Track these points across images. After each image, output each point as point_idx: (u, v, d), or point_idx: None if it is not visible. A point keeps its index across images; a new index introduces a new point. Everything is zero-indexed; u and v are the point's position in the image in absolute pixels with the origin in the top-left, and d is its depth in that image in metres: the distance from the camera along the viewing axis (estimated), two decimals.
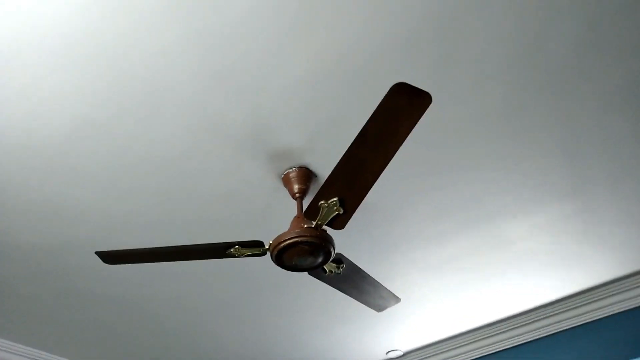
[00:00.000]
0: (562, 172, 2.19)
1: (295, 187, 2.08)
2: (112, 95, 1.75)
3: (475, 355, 3.41)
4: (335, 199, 1.75)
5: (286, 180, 2.11)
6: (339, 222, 1.85)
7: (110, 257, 1.95)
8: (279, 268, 2.64)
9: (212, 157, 2.01)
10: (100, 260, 2.46)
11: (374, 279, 2.25)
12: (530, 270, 2.81)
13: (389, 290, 2.36)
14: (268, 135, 1.94)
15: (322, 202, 1.77)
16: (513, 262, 2.74)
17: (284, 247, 1.85)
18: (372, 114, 1.49)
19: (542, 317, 3.18)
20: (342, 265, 2.09)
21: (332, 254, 1.91)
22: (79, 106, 1.78)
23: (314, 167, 2.09)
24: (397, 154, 2.01)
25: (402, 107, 1.45)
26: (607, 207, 2.41)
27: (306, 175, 2.09)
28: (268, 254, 1.96)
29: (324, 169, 2.09)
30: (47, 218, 2.22)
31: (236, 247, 1.91)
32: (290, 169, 2.09)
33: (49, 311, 2.83)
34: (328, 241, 1.87)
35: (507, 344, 3.31)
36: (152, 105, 1.80)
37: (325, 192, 1.75)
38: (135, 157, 1.98)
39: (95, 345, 3.21)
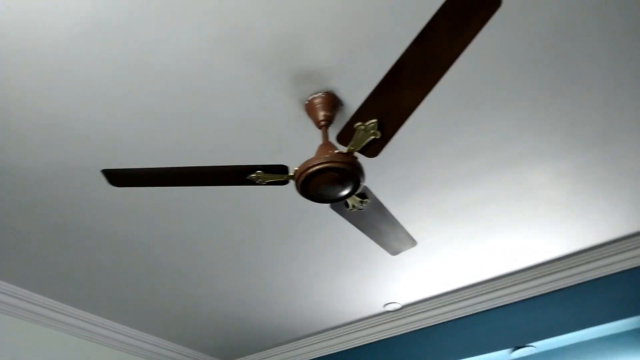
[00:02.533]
0: (596, 115, 2.09)
1: (321, 114, 1.92)
2: None
3: (476, 310, 3.38)
4: (375, 120, 1.61)
5: (310, 107, 1.95)
6: (374, 149, 1.71)
7: (118, 177, 1.77)
8: (285, 212, 2.51)
9: (234, 75, 1.83)
10: (98, 191, 2.29)
11: (394, 219, 2.14)
12: (545, 223, 2.75)
13: (407, 232, 2.26)
14: (295, 53, 1.77)
15: (359, 123, 1.62)
16: (529, 212, 2.66)
17: (312, 173, 1.71)
18: (428, 23, 1.33)
19: (546, 273, 3.15)
20: (366, 200, 1.97)
21: (362, 184, 1.78)
22: (87, 4, 1.56)
23: (340, 94, 1.94)
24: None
25: (462, 17, 1.30)
26: (631, 157, 2.34)
27: (333, 101, 1.93)
28: (291, 183, 1.82)
29: (352, 96, 1.93)
30: (46, 139, 2.01)
31: (258, 171, 1.76)
32: (316, 94, 1.92)
33: (41, 248, 2.64)
34: (359, 169, 1.73)
35: (509, 298, 3.28)
36: (171, 9, 1.59)
37: (363, 112, 1.60)
38: (149, 69, 1.79)
39: (82, 285, 3.03)
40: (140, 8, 1.59)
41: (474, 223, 2.72)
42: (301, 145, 2.14)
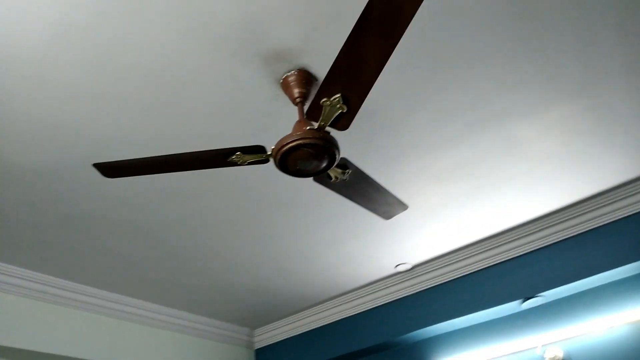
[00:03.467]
0: (575, 62, 2.06)
1: (296, 92, 1.98)
2: None
3: (484, 265, 3.43)
4: (339, 95, 1.66)
5: (285, 85, 2.00)
6: (343, 122, 1.77)
7: (109, 168, 1.89)
8: (283, 183, 2.59)
9: (205, 63, 1.90)
10: (99, 181, 2.42)
11: (380, 185, 2.20)
12: (539, 176, 2.76)
13: (396, 197, 2.31)
14: (263, 35, 1.82)
15: (325, 99, 1.68)
16: (522, 168, 2.67)
17: (287, 150, 1.78)
18: None
19: (550, 224, 3.17)
20: (347, 170, 2.03)
21: (337, 156, 1.85)
22: (57, 8, 1.65)
23: (313, 70, 1.98)
24: (397, 51, 1.89)
25: None
26: (621, 102, 2.30)
27: (306, 77, 1.98)
28: (271, 161, 1.90)
29: (324, 70, 1.97)
30: (38, 137, 2.14)
31: (238, 153, 1.84)
32: (289, 72, 1.98)
33: (51, 236, 2.82)
34: (332, 143, 1.79)
35: (515, 252, 3.32)
36: (136, 5, 1.66)
37: (326, 88, 1.65)
38: (122, 65, 1.87)
39: (102, 268, 3.24)
40: (106, 7, 1.66)
41: (468, 182, 2.75)
42: (282, 121, 2.20)
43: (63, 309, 3.34)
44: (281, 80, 2.00)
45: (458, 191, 2.82)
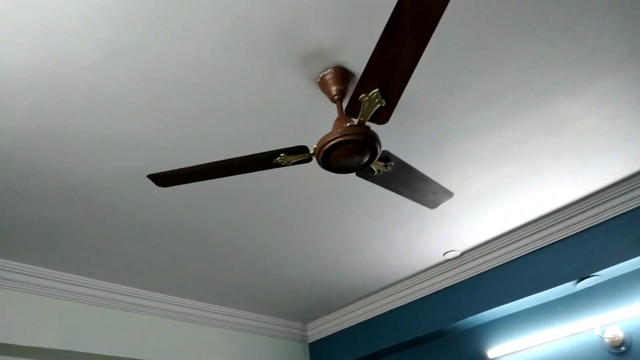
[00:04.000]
0: (618, 33, 2.00)
1: (333, 89, 2.02)
2: (134, 16, 1.71)
3: (535, 247, 3.38)
4: (376, 90, 1.68)
5: (323, 84, 2.04)
6: (383, 116, 1.79)
7: (162, 178, 1.99)
8: (329, 178, 2.64)
9: (244, 69, 1.96)
10: (154, 189, 2.55)
11: (424, 175, 2.21)
12: (588, 152, 2.69)
13: (440, 185, 2.32)
14: (297, 36, 1.86)
15: (363, 95, 1.71)
16: (569, 145, 2.62)
17: (329, 148, 1.83)
18: None
19: (603, 200, 3.08)
20: (390, 163, 2.05)
21: (379, 151, 1.87)
22: (104, 31, 1.75)
23: (349, 66, 2.01)
24: (433, 38, 1.90)
25: None
26: None
27: (343, 75, 2.01)
28: (314, 159, 1.95)
29: (360, 66, 2.00)
30: (96, 152, 2.27)
31: (281, 155, 1.90)
32: (325, 70, 2.01)
33: (116, 245, 3.00)
34: (373, 137, 1.82)
35: (567, 231, 3.25)
36: (177, 22, 1.74)
37: (364, 84, 1.68)
38: (167, 79, 1.96)
39: (162, 273, 3.39)
40: (149, 26, 1.75)
41: (514, 164, 2.71)
42: (322, 120, 2.25)
43: (129, 314, 3.52)
44: (319, 79, 2.04)
45: (504, 173, 2.79)
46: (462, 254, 3.62)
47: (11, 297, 3.02)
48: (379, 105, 1.74)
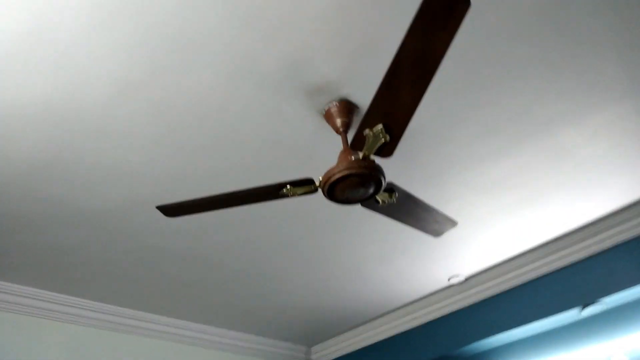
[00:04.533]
0: (618, 66, 2.04)
1: (338, 122, 2.06)
2: (144, 52, 1.76)
3: (539, 273, 3.38)
4: (380, 125, 1.72)
5: (328, 116, 2.09)
6: (387, 150, 1.83)
7: (171, 209, 2.02)
8: (334, 205, 2.67)
9: (250, 102, 2.01)
10: (161, 217, 2.58)
11: (428, 204, 2.23)
12: (590, 181, 2.71)
13: (445, 214, 2.34)
14: (303, 71, 1.91)
15: (367, 130, 1.74)
16: (572, 174, 2.64)
17: (334, 181, 1.86)
18: (408, 30, 1.43)
19: (606, 228, 3.09)
20: (394, 193, 2.08)
21: (383, 183, 1.90)
22: (115, 68, 1.80)
23: (354, 99, 2.06)
24: (438, 72, 1.94)
25: (439, 17, 1.38)
26: None
27: (347, 107, 2.06)
28: (320, 190, 1.98)
29: (365, 99, 2.05)
30: (104, 182, 2.32)
31: (288, 187, 1.93)
32: (331, 103, 2.06)
33: (121, 270, 3.02)
34: (378, 170, 1.85)
35: (571, 258, 3.25)
36: (185, 57, 1.80)
37: (368, 120, 1.71)
38: (174, 112, 2.01)
39: (168, 297, 3.41)
40: (158, 62, 1.80)
41: (516, 192, 2.73)
42: (327, 150, 2.29)
43: (134, 337, 3.53)
44: (324, 112, 2.08)
45: (507, 201, 2.81)
46: (467, 279, 3.62)
47: (18, 321, 3.04)
48: (383, 140, 1.77)
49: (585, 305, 3.14)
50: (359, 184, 1.87)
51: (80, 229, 2.61)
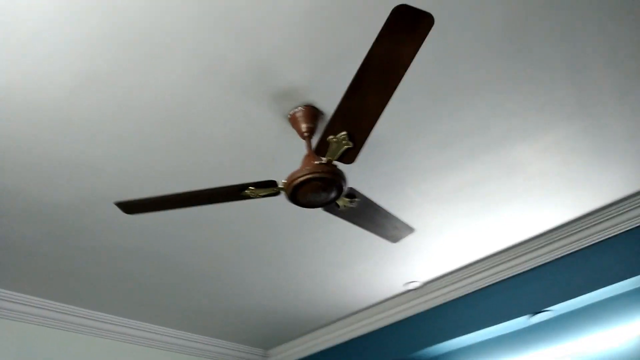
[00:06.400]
0: (568, 89, 2.17)
1: (303, 127, 2.09)
2: (110, 47, 1.75)
3: (492, 281, 3.50)
4: (344, 133, 1.77)
5: (293, 120, 2.12)
6: (349, 156, 1.88)
7: (130, 206, 2.00)
8: (295, 209, 2.70)
9: (217, 102, 2.02)
10: (120, 213, 2.55)
11: (387, 211, 2.29)
12: (541, 194, 2.84)
13: (402, 221, 2.41)
14: (271, 75, 1.94)
15: (331, 137, 1.79)
16: (523, 187, 2.76)
17: (297, 184, 1.89)
18: (374, 41, 1.48)
19: (555, 239, 3.24)
20: (355, 199, 2.13)
21: (344, 188, 1.95)
22: (78, 61, 1.78)
23: (320, 105, 2.10)
24: (399, 84, 2.00)
25: (405, 31, 1.44)
26: (615, 122, 2.40)
27: (313, 113, 2.10)
28: (282, 193, 2.01)
29: (330, 105, 2.09)
30: (62, 175, 2.27)
31: (250, 188, 1.95)
32: (296, 108, 2.09)
33: (74, 267, 2.95)
34: (339, 176, 1.90)
35: (522, 267, 3.39)
36: (152, 54, 1.79)
37: (332, 126, 1.76)
38: (139, 108, 2.00)
39: (123, 297, 3.35)
40: (123, 56, 1.79)
41: (471, 202, 2.84)
42: (291, 154, 2.32)
43: (86, 337, 3.45)
44: (289, 116, 2.12)
45: (462, 211, 2.91)
46: (423, 285, 3.71)
47: None
48: (346, 147, 1.82)
49: (534, 312, 3.28)
50: (321, 188, 1.90)
51: (36, 223, 2.55)
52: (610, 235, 3.08)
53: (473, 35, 1.88)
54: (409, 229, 2.47)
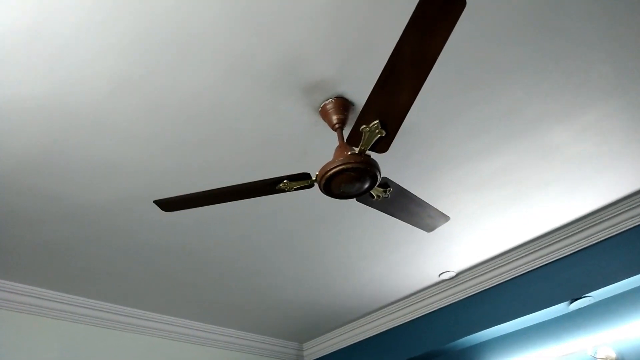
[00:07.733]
0: (604, 67, 2.11)
1: (334, 118, 2.09)
2: (141, 50, 1.78)
3: (529, 268, 3.44)
4: (377, 121, 1.76)
5: (324, 113, 2.12)
6: (382, 145, 1.87)
7: (168, 204, 2.04)
8: (329, 201, 2.71)
9: (247, 99, 2.04)
10: (158, 213, 2.60)
11: (421, 200, 2.28)
12: (578, 177, 2.78)
13: (437, 210, 2.39)
14: (299, 69, 1.94)
15: (364, 126, 1.78)
16: (560, 170, 2.70)
17: (331, 175, 1.89)
18: (405, 29, 1.47)
19: (592, 224, 3.16)
20: (388, 189, 2.12)
21: (378, 178, 1.94)
22: (112, 65, 1.82)
23: (349, 96, 2.09)
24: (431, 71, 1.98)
25: (435, 17, 1.42)
26: None
27: (343, 104, 2.09)
28: (316, 185, 2.01)
29: (360, 96, 2.09)
30: (100, 177, 2.33)
31: (285, 181, 1.96)
32: (327, 100, 2.09)
33: (116, 267, 3.03)
34: (373, 165, 1.89)
35: (559, 253, 3.32)
36: (181, 55, 1.82)
37: (365, 116, 1.75)
38: (171, 108, 2.03)
39: (161, 294, 3.42)
40: (154, 59, 1.82)
41: (506, 188, 2.79)
42: (323, 146, 2.32)
43: (127, 334, 3.54)
44: (320, 109, 2.12)
45: (497, 198, 2.87)
46: (458, 274, 3.68)
47: (11, 318, 3.04)
48: (379, 136, 1.81)
49: (573, 299, 3.21)
50: (355, 179, 1.90)
51: (75, 225, 2.62)
52: None
53: (502, 16, 1.84)
54: (444, 217, 2.45)
